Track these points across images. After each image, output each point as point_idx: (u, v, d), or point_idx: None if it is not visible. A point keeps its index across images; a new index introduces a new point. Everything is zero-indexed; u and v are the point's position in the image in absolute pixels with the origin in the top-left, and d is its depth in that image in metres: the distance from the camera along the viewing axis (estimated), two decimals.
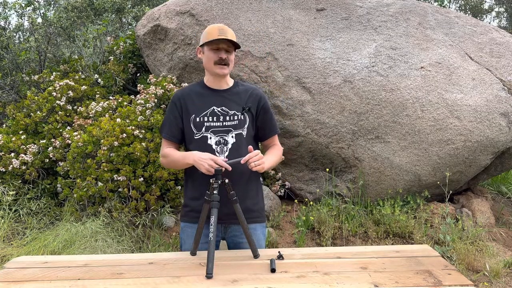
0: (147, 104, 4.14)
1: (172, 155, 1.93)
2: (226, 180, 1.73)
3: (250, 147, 1.80)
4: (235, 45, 1.92)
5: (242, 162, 1.76)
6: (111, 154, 3.71)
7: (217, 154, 1.87)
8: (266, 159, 1.87)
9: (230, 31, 1.89)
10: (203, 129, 1.89)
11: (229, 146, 1.90)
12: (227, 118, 1.91)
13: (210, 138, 1.89)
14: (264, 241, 2.05)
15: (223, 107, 1.92)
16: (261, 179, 2.12)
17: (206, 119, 1.90)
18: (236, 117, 1.92)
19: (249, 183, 1.95)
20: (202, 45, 1.93)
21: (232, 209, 1.76)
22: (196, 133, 1.90)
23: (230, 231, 1.95)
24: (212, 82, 1.97)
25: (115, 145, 3.69)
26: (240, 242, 1.94)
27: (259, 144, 2.11)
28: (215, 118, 1.90)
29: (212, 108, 1.92)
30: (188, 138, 1.95)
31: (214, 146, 1.88)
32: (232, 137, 1.91)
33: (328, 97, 3.93)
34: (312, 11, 4.56)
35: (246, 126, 1.94)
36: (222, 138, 1.90)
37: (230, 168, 1.76)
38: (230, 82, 2.01)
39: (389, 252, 1.87)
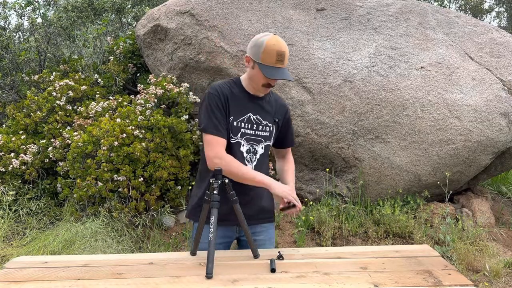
0: (147, 104, 4.14)
1: (243, 166, 1.80)
2: (226, 180, 1.73)
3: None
4: None
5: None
6: (111, 154, 3.71)
7: (246, 162, 1.87)
8: (291, 183, 1.94)
9: (287, 57, 1.79)
10: (239, 135, 1.86)
11: (258, 156, 1.90)
12: (260, 127, 1.89)
13: (243, 145, 1.86)
14: (274, 239, 2.08)
15: (258, 116, 1.89)
16: None
17: (242, 125, 1.86)
18: (267, 128, 1.91)
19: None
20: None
21: (248, 210, 1.77)
22: (232, 137, 1.85)
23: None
24: (251, 89, 1.90)
25: (115, 145, 3.69)
26: (255, 239, 1.94)
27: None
28: (249, 125, 1.87)
29: (249, 114, 1.88)
30: None
31: (245, 154, 1.87)
32: (262, 148, 1.91)
33: (328, 97, 3.93)
34: (312, 11, 4.56)
35: (272, 137, 1.94)
36: (253, 147, 1.89)
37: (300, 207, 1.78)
38: None
39: (389, 252, 1.87)
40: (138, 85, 4.60)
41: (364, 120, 3.88)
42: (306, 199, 4.15)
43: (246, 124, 1.87)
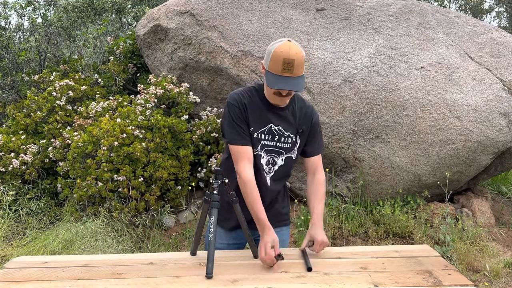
0: (147, 104, 4.14)
1: (254, 200, 1.74)
2: (226, 180, 1.73)
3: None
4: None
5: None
6: (111, 154, 3.71)
7: (265, 174, 1.84)
8: (318, 216, 1.85)
9: (297, 65, 1.67)
10: (259, 147, 1.81)
11: (276, 167, 1.86)
12: (282, 139, 1.83)
13: (263, 157, 1.82)
14: (288, 242, 2.06)
15: (280, 127, 1.82)
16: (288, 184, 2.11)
17: (263, 136, 1.80)
18: (289, 140, 1.85)
19: (280, 188, 1.95)
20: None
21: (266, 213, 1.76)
22: (253, 150, 1.81)
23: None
24: (271, 99, 1.81)
25: (115, 145, 3.69)
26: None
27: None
28: (270, 137, 1.81)
29: (270, 125, 1.81)
30: None
31: (264, 166, 1.83)
32: (282, 160, 1.85)
33: (328, 97, 3.93)
34: (312, 11, 4.56)
35: (296, 148, 1.88)
36: (272, 158, 1.84)
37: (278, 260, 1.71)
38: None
39: (389, 252, 1.87)
40: (138, 85, 4.60)
41: (364, 120, 3.88)
42: (306, 199, 4.15)
43: (267, 136, 1.81)
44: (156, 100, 4.18)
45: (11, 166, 4.01)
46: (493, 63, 4.24)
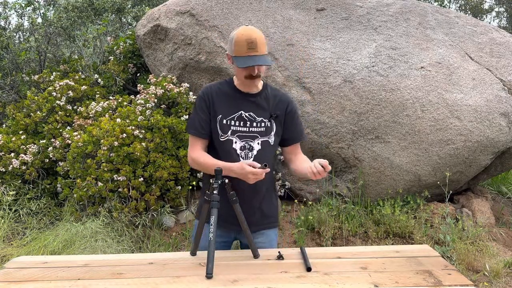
0: (147, 104, 4.14)
1: (206, 162, 1.84)
2: (226, 180, 1.73)
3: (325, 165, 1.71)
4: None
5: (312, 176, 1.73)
6: (111, 154, 3.71)
7: (241, 159, 1.86)
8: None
9: (260, 43, 1.76)
10: (229, 132, 1.86)
11: (254, 152, 1.88)
12: (254, 124, 1.88)
13: (235, 142, 1.86)
14: (276, 243, 2.05)
15: (251, 113, 1.88)
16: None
17: (232, 122, 1.86)
18: (263, 124, 1.89)
19: (266, 190, 1.95)
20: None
21: (247, 216, 1.77)
22: (222, 135, 1.86)
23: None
24: (242, 86, 1.90)
25: (115, 145, 3.69)
26: (254, 241, 1.93)
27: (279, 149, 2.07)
28: (241, 123, 1.87)
29: (240, 112, 1.87)
30: (213, 138, 1.91)
31: (238, 151, 1.86)
32: (258, 144, 1.88)
33: (328, 97, 3.93)
34: (312, 11, 4.56)
35: (272, 133, 1.91)
36: (248, 143, 1.87)
37: (266, 171, 1.71)
38: (260, 85, 1.94)
39: (389, 252, 1.87)
40: (138, 85, 4.60)
41: (364, 120, 3.88)
42: (306, 199, 4.15)
43: (237, 122, 1.87)
44: (156, 100, 4.18)
45: (11, 166, 4.01)
46: (493, 63, 4.24)
